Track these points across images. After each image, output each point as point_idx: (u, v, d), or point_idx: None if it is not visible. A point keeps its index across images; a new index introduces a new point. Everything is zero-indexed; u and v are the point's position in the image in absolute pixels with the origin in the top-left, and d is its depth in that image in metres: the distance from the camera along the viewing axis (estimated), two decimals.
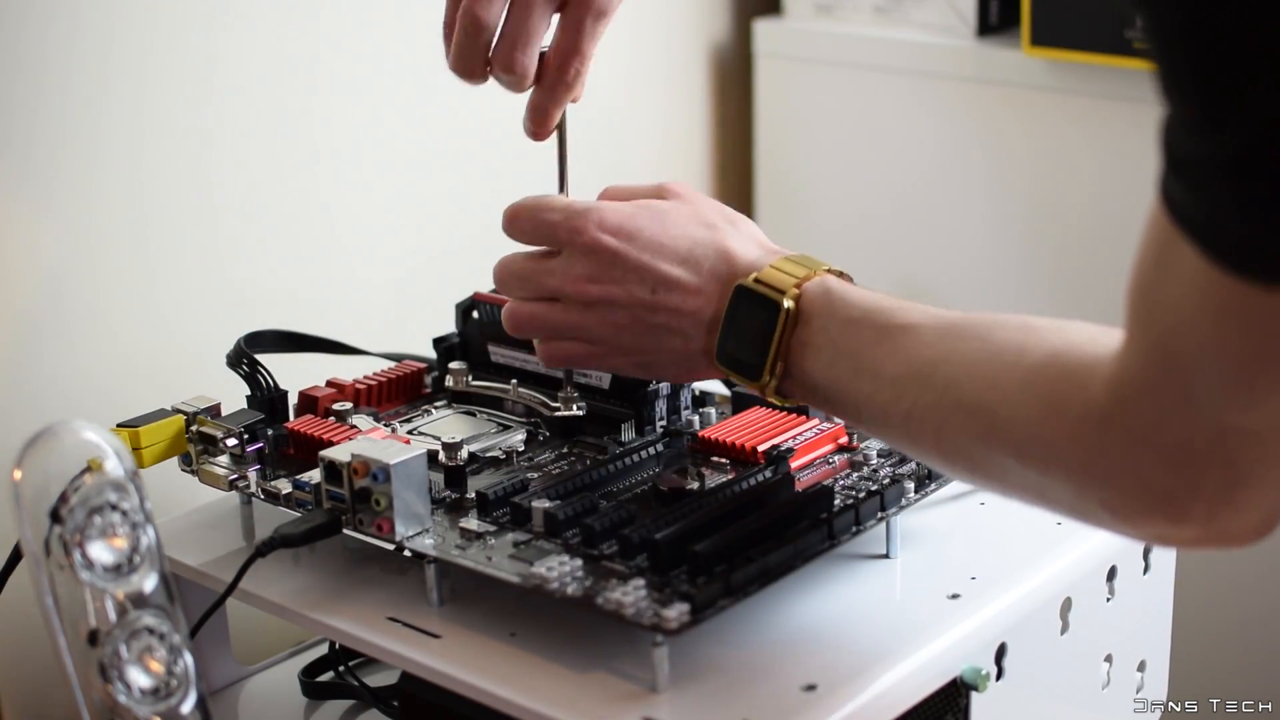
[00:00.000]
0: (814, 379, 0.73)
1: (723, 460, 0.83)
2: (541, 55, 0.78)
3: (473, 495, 0.80)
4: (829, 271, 0.76)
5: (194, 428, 0.86)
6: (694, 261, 0.77)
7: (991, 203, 1.31)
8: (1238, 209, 0.49)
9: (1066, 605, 0.80)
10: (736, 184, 1.47)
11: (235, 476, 0.84)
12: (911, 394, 0.68)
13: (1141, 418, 0.58)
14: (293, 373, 0.91)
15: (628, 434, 0.86)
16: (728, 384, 0.90)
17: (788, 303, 0.73)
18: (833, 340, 0.72)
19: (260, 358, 0.89)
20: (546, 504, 0.77)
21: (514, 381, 0.90)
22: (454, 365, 0.93)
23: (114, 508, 0.69)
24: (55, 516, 0.68)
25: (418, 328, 1.05)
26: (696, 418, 0.88)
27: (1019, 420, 0.63)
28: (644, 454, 0.83)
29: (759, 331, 0.74)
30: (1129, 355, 0.58)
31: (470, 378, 0.92)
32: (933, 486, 0.81)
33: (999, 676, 0.76)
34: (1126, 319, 0.58)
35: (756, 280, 0.75)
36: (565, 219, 0.78)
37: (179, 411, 0.86)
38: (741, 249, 0.77)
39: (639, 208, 0.79)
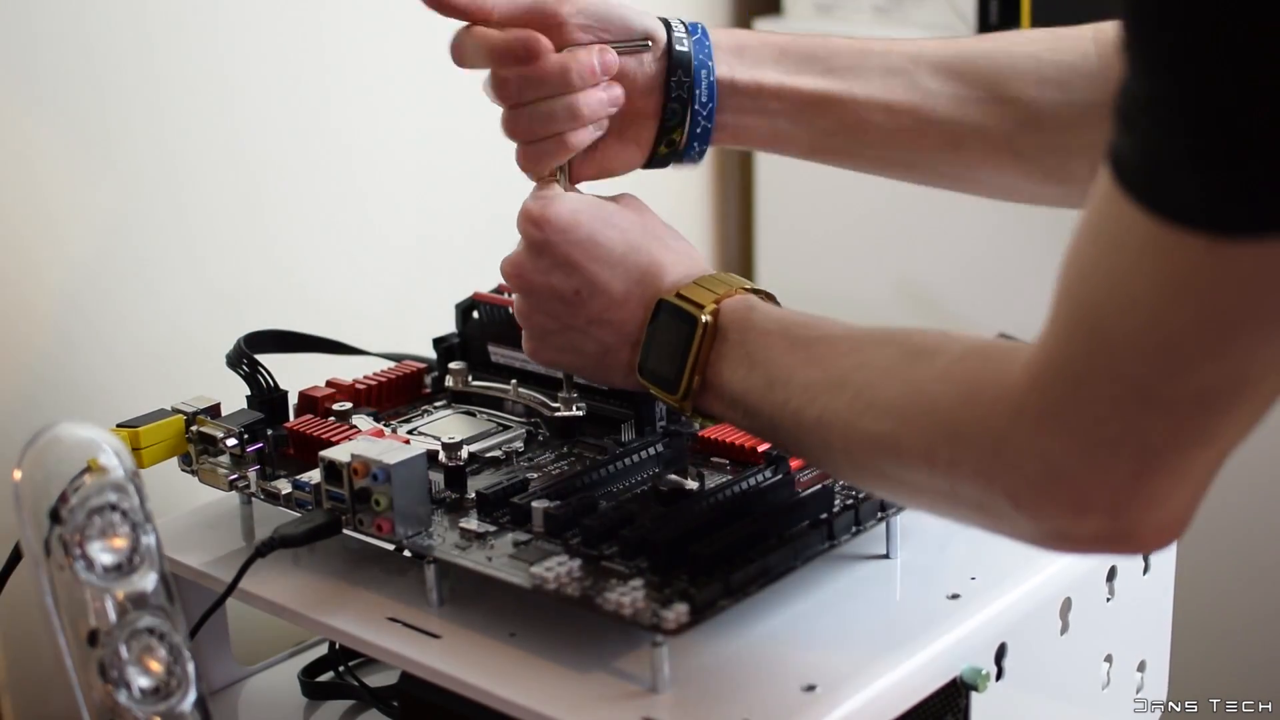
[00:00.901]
0: (730, 392, 0.73)
1: (723, 460, 0.83)
2: None
3: (473, 495, 0.80)
4: (753, 291, 0.77)
5: (194, 428, 0.86)
6: (624, 269, 0.78)
7: (990, 202, 1.31)
8: (1188, 159, 0.50)
9: (1066, 605, 0.80)
10: (736, 184, 1.47)
11: (235, 477, 0.84)
12: (824, 398, 0.68)
13: (1057, 397, 0.58)
14: (292, 373, 0.91)
15: (628, 434, 0.86)
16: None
17: (705, 317, 0.74)
18: (749, 353, 0.73)
19: (260, 358, 0.89)
20: (546, 504, 0.77)
21: (514, 382, 0.90)
22: (454, 365, 0.93)
23: (114, 508, 0.69)
24: (55, 517, 0.68)
25: (417, 328, 1.05)
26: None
27: (932, 413, 0.63)
28: (644, 454, 0.83)
29: (678, 344, 0.75)
30: (1052, 333, 0.58)
31: (470, 378, 0.92)
32: None
33: (999, 677, 0.76)
34: (1055, 298, 0.58)
35: (679, 295, 0.76)
36: (525, 205, 0.79)
37: (179, 412, 0.86)
38: (673, 264, 0.78)
39: (587, 204, 0.79)
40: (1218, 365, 0.54)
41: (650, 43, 0.82)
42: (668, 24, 0.82)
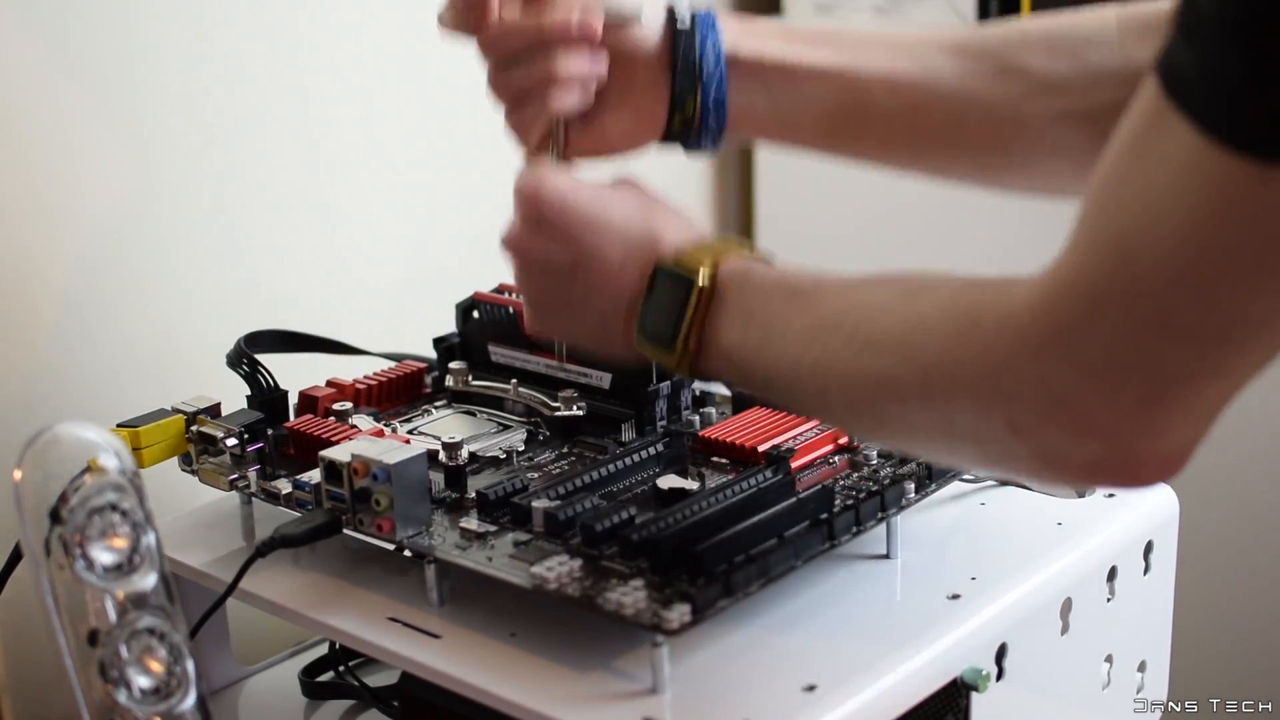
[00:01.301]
0: (726, 349, 0.72)
1: (723, 460, 0.83)
2: None
3: (473, 495, 0.80)
4: (751, 256, 0.75)
5: (194, 428, 0.85)
6: (622, 239, 0.76)
7: (990, 202, 1.31)
8: (1249, 81, 0.49)
9: (1067, 605, 0.80)
10: (737, 184, 1.47)
11: (235, 476, 0.84)
12: (820, 342, 0.67)
13: (1070, 320, 0.56)
14: (293, 373, 0.91)
15: (628, 434, 0.86)
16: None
17: (702, 280, 0.73)
18: (746, 310, 0.72)
19: (260, 357, 0.89)
20: (547, 504, 0.77)
21: (514, 381, 0.90)
22: (454, 365, 0.93)
23: (114, 508, 0.69)
24: (55, 517, 0.68)
25: (418, 327, 1.05)
26: (697, 418, 0.88)
27: (928, 345, 0.62)
28: (644, 454, 0.83)
29: (674, 307, 0.74)
30: (1072, 253, 0.57)
31: (470, 377, 0.92)
32: (933, 487, 0.81)
33: (999, 677, 0.76)
34: (1079, 217, 0.57)
35: (675, 261, 0.75)
36: (517, 180, 0.78)
37: (179, 411, 0.86)
38: (672, 234, 0.76)
39: (586, 182, 0.78)
40: (1249, 297, 0.52)
41: (640, 17, 0.80)
42: (670, 9, 0.81)
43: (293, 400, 0.90)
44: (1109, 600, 0.84)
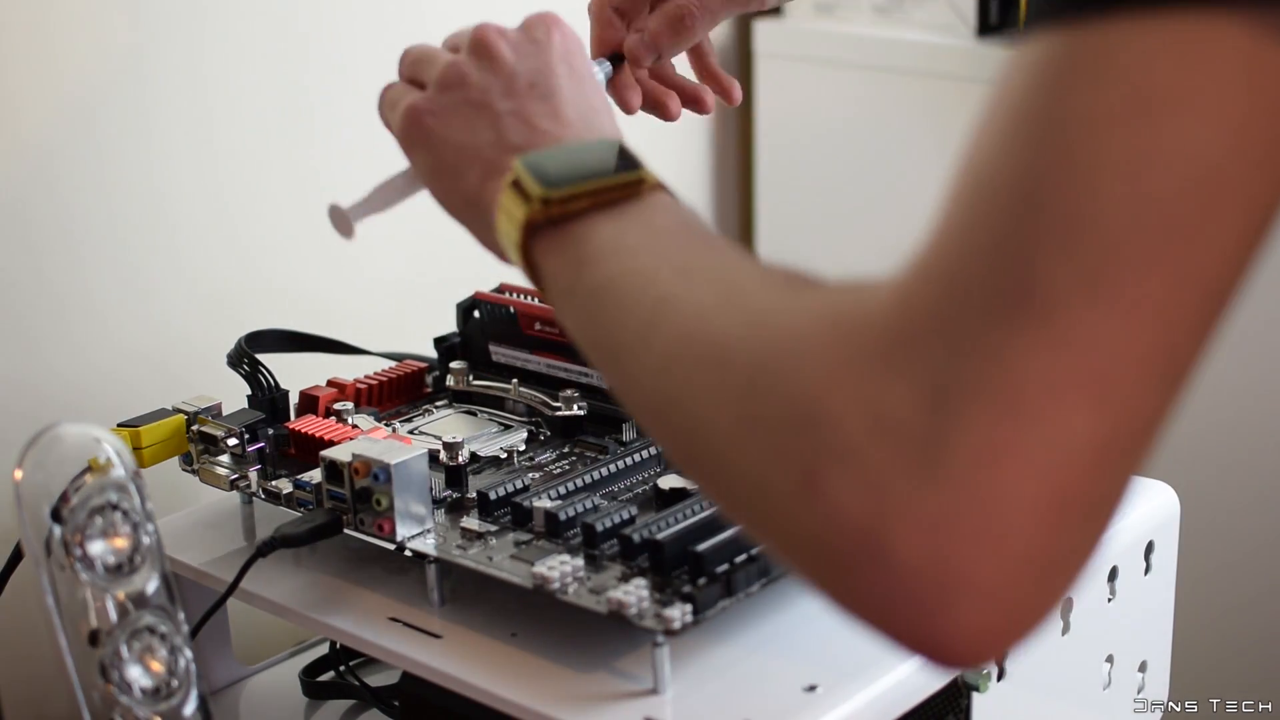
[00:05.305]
0: (592, 238, 0.59)
1: None
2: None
3: (474, 495, 0.80)
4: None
5: (195, 427, 0.85)
6: (590, 108, 0.68)
7: None
8: None
9: (1067, 605, 0.80)
10: (737, 184, 1.47)
11: (236, 476, 0.84)
12: (688, 283, 0.54)
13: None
14: (294, 372, 0.91)
15: (629, 433, 0.86)
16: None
17: (645, 175, 0.61)
18: (648, 227, 0.59)
19: (261, 357, 0.89)
20: (547, 504, 0.77)
21: (515, 381, 0.91)
22: (455, 365, 0.93)
23: (115, 507, 0.69)
24: (56, 516, 0.68)
25: (419, 327, 1.04)
26: None
27: (778, 329, 0.49)
28: (645, 453, 0.83)
29: (596, 165, 0.61)
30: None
31: (471, 377, 0.92)
32: None
33: (1000, 677, 0.76)
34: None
35: (631, 152, 0.63)
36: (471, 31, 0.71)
37: (180, 411, 0.86)
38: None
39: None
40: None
41: None
42: None
43: (293, 400, 0.90)
44: (1109, 600, 0.84)
